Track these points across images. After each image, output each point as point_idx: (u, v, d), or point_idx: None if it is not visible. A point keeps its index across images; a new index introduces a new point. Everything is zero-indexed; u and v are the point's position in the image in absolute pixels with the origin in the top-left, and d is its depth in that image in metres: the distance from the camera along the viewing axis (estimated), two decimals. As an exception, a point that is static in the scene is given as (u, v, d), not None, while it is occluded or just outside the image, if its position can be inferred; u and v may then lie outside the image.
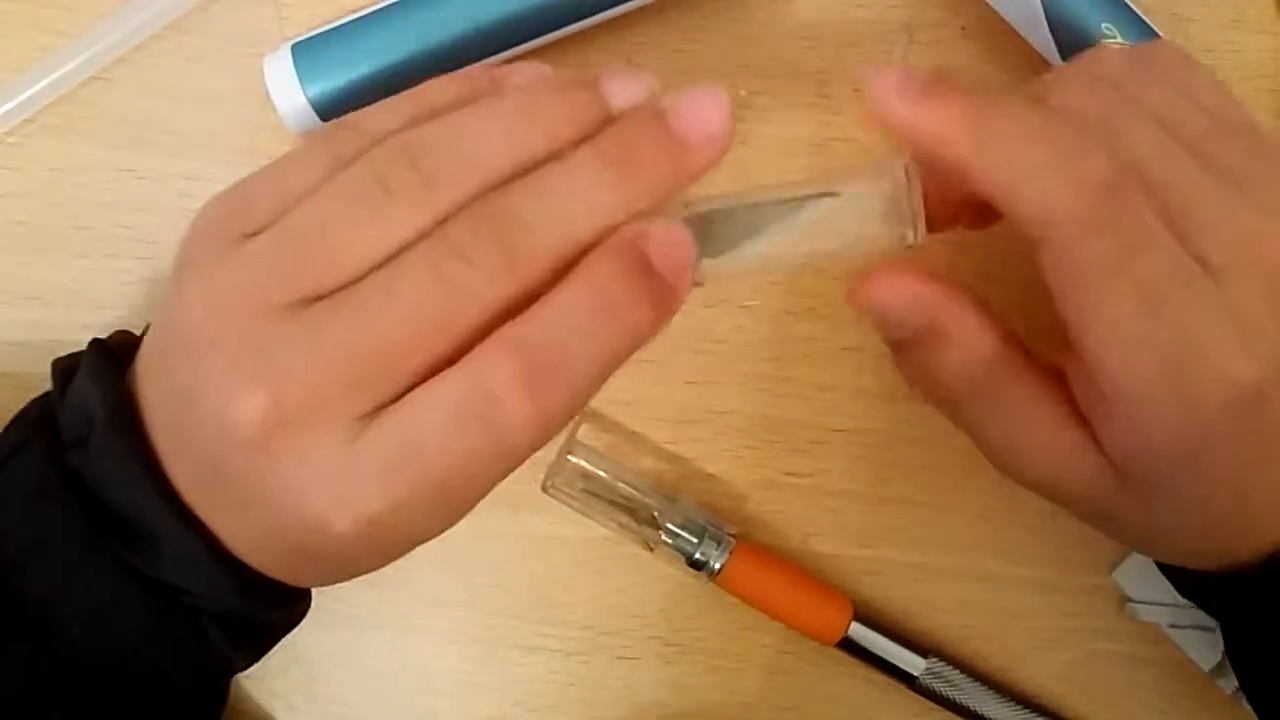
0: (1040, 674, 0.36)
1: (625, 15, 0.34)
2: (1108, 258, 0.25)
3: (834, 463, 0.36)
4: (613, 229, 0.25)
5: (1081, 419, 0.27)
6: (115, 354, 0.28)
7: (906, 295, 0.28)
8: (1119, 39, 0.32)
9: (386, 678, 0.37)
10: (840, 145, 0.36)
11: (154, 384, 0.27)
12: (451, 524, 0.26)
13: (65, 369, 0.29)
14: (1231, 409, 0.25)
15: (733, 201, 0.28)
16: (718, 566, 0.35)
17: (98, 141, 0.35)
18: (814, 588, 0.35)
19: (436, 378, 0.24)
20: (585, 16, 0.33)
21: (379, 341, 0.24)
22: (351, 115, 0.28)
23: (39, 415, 0.28)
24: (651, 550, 0.35)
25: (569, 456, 0.35)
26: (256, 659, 0.31)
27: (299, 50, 0.33)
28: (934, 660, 0.35)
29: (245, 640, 0.29)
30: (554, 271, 0.25)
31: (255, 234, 0.25)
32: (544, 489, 0.35)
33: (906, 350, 0.29)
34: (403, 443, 0.24)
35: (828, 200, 0.28)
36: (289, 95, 0.33)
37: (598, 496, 0.35)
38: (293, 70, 0.33)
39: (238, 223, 0.26)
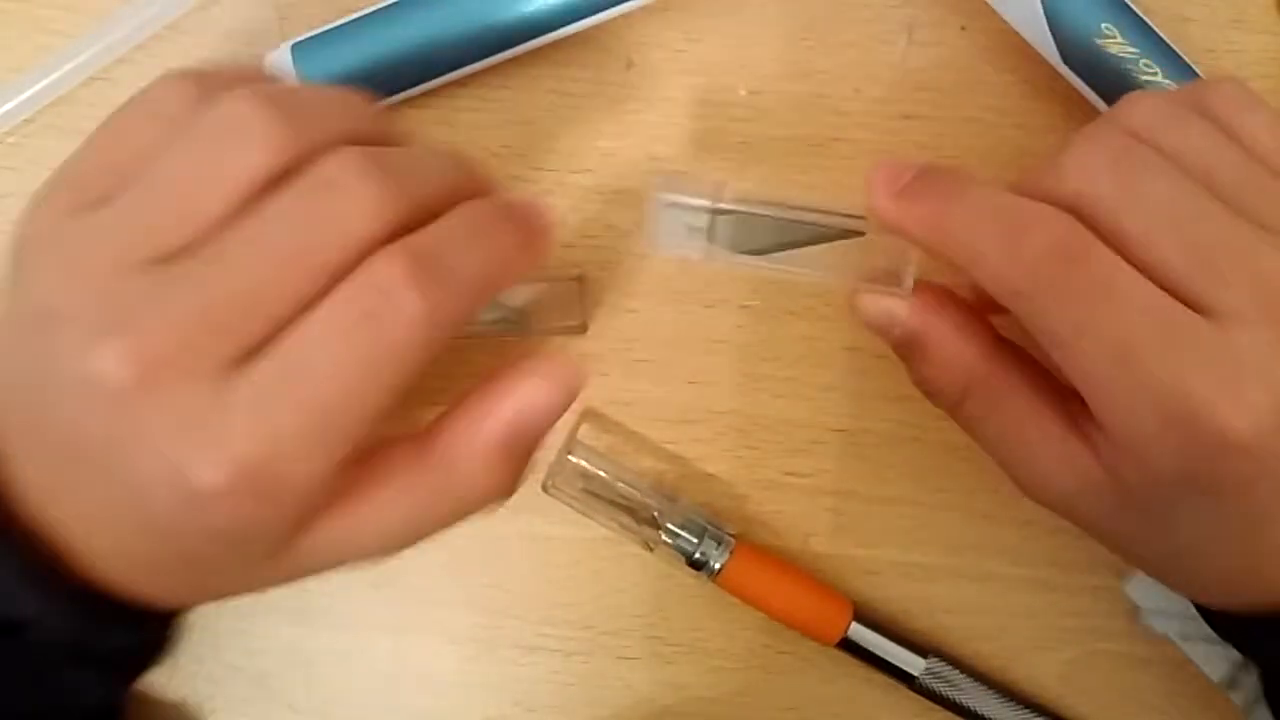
0: (1040, 674, 0.36)
1: (625, 15, 0.34)
2: (1071, 320, 0.25)
3: (834, 463, 0.36)
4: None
5: (1081, 431, 0.27)
6: None
7: (879, 307, 0.29)
8: (1118, 38, 0.32)
9: (386, 678, 0.37)
10: (840, 145, 0.36)
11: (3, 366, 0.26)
12: (331, 462, 0.24)
13: None
14: (1227, 456, 0.24)
15: (768, 210, 0.29)
16: (718, 566, 0.35)
17: (97, 141, 0.35)
18: (814, 588, 0.35)
19: (323, 298, 0.24)
20: (585, 16, 0.33)
21: (242, 280, 0.23)
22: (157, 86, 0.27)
23: None
24: (651, 550, 0.35)
25: (569, 456, 0.35)
26: (121, 689, 0.29)
27: (298, 50, 0.33)
28: (933, 660, 0.35)
29: (93, 671, 0.27)
30: (422, 211, 0.25)
31: (97, 203, 0.25)
32: (544, 489, 0.35)
33: (902, 355, 0.30)
34: (281, 369, 0.23)
35: (855, 238, 0.29)
36: (289, 95, 0.33)
37: (598, 496, 0.35)
38: (292, 70, 0.33)
39: (76, 197, 0.25)
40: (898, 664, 0.35)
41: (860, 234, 0.29)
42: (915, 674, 0.35)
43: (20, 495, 0.26)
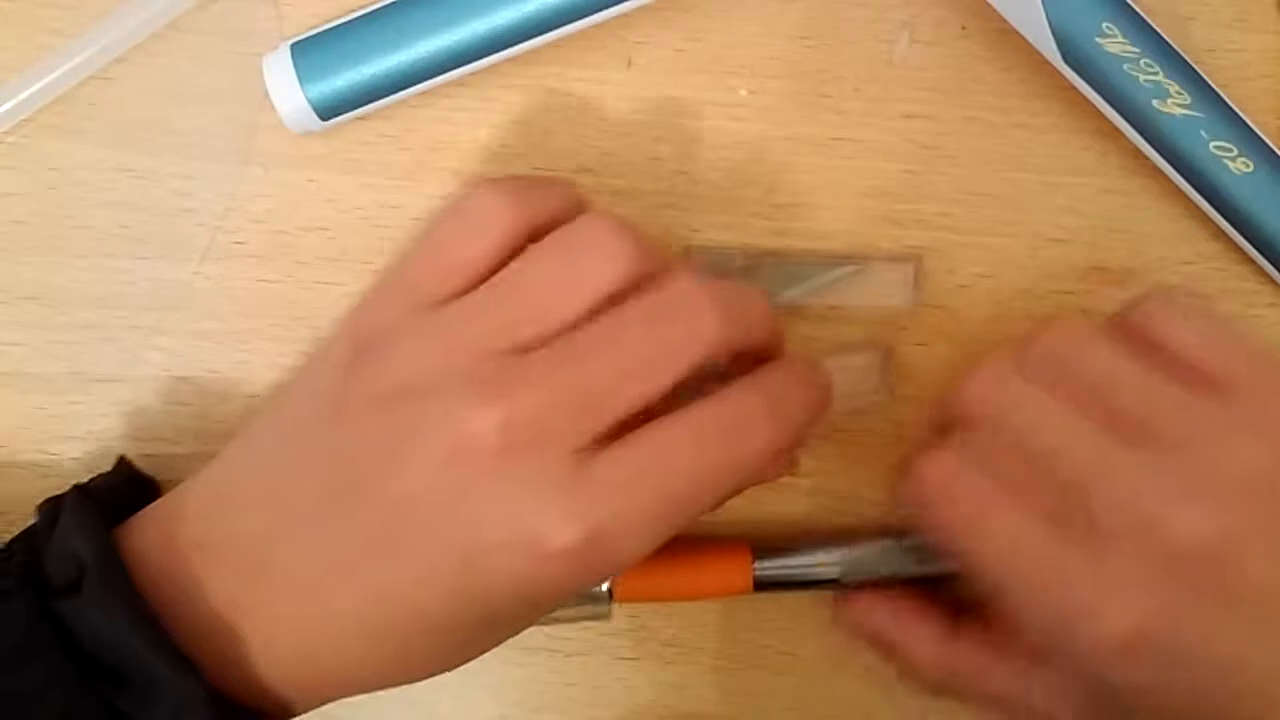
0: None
1: (625, 15, 0.34)
2: (958, 551, 0.29)
3: (834, 463, 0.36)
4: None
5: (1042, 667, 0.31)
6: (97, 498, 0.29)
7: (855, 618, 0.34)
8: (1119, 37, 0.32)
9: (386, 678, 0.36)
10: (841, 145, 0.36)
11: (315, 453, 0.28)
12: (651, 549, 0.27)
13: (50, 511, 0.29)
14: (1125, 659, 0.27)
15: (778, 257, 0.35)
16: (606, 586, 0.34)
17: (97, 141, 0.35)
18: (704, 549, 0.35)
19: (686, 407, 0.27)
20: (586, 15, 0.33)
21: (603, 369, 0.26)
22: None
23: (24, 560, 0.28)
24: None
25: None
26: None
27: (298, 50, 0.33)
28: (847, 550, 0.35)
29: None
30: (747, 342, 0.29)
31: (444, 302, 0.28)
32: None
33: (878, 653, 0.34)
34: (646, 456, 0.26)
35: (853, 268, 0.34)
36: (288, 95, 0.33)
37: None
38: (292, 70, 0.33)
39: (416, 298, 0.28)
40: (816, 575, 0.35)
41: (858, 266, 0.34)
42: (837, 575, 0.35)
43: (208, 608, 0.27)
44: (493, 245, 0.28)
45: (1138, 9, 0.33)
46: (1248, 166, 0.33)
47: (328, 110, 0.33)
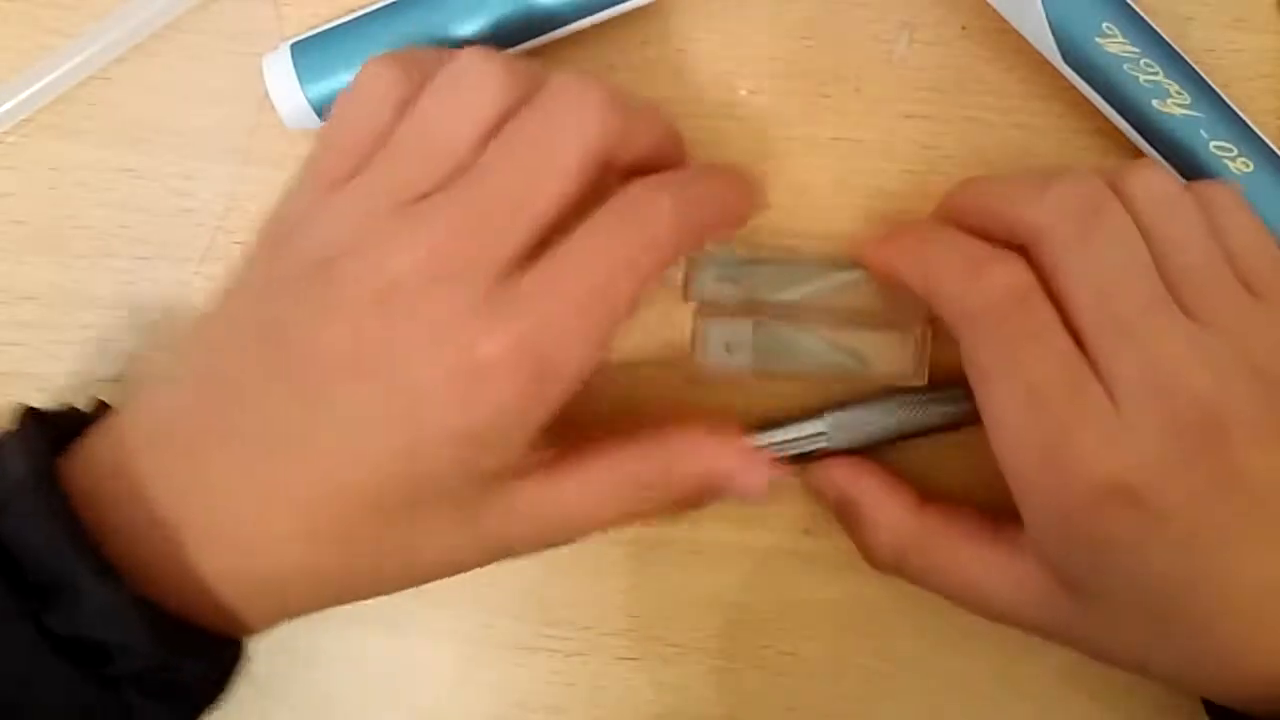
0: (1043, 673, 0.36)
1: (625, 15, 0.34)
2: (1002, 355, 0.29)
3: (834, 463, 0.36)
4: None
5: (1014, 545, 0.31)
6: (46, 418, 0.29)
7: (823, 475, 0.34)
8: (1119, 38, 0.32)
9: (386, 678, 0.37)
10: (841, 145, 0.36)
11: (246, 335, 0.28)
12: (592, 352, 0.27)
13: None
14: (1103, 507, 0.27)
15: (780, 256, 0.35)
16: None
17: (96, 141, 0.35)
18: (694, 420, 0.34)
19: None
20: (586, 16, 0.33)
21: (503, 186, 0.27)
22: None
23: None
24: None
25: None
26: None
27: (298, 50, 0.33)
28: (832, 415, 0.34)
29: (169, 704, 0.28)
30: (642, 144, 0.30)
31: (351, 176, 0.28)
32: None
33: (843, 524, 0.34)
34: (555, 264, 0.27)
35: (856, 273, 0.34)
36: (288, 94, 0.33)
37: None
38: (292, 70, 0.33)
39: (328, 179, 0.28)
40: (805, 446, 0.35)
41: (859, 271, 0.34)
42: (825, 443, 0.34)
43: (137, 533, 0.27)
44: (386, 118, 0.28)
45: (1138, 9, 0.33)
46: (1247, 166, 0.33)
47: (327, 110, 0.33)
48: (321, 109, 0.33)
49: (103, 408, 0.31)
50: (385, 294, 0.26)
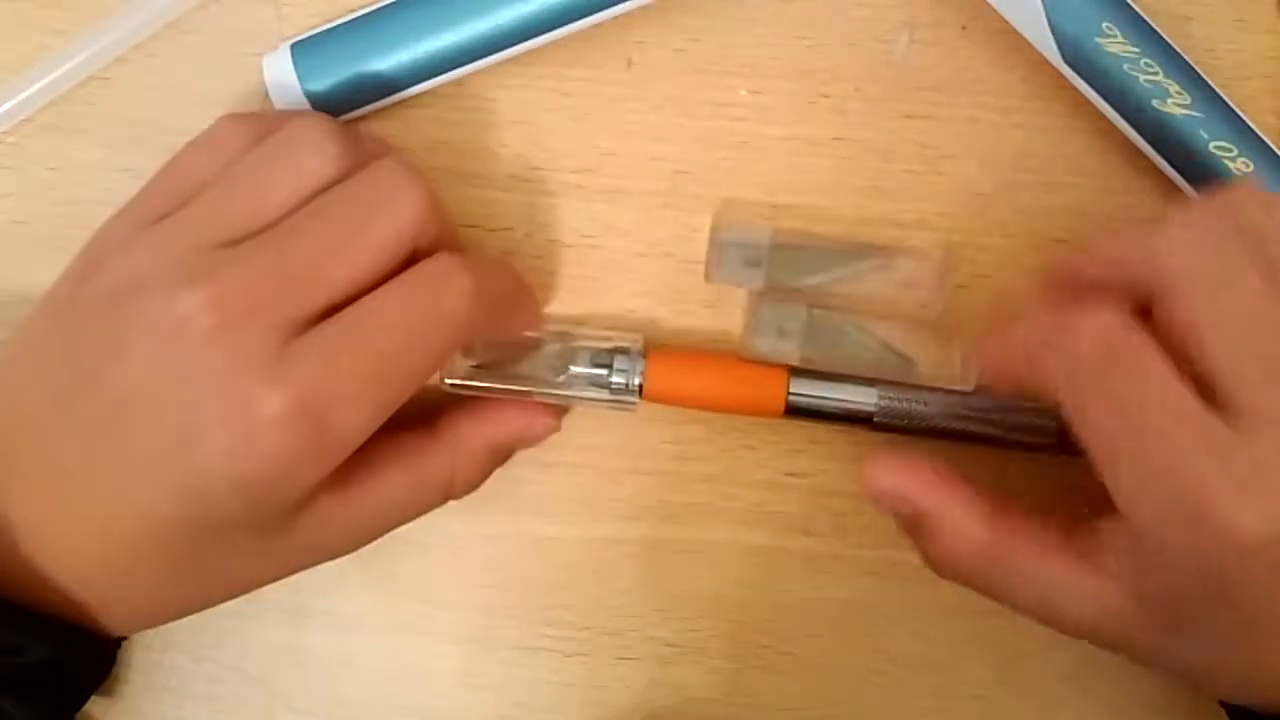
0: (1043, 674, 0.36)
1: (625, 15, 0.34)
2: (1104, 421, 0.27)
3: (834, 463, 0.36)
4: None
5: (1093, 563, 0.28)
6: None
7: (892, 484, 0.31)
8: (1119, 37, 0.32)
9: (386, 678, 0.37)
10: (841, 145, 0.36)
11: (41, 357, 0.28)
12: (375, 417, 0.28)
13: None
14: (1238, 557, 0.25)
15: (808, 241, 0.35)
16: (639, 380, 0.33)
17: (97, 141, 0.35)
18: (740, 362, 0.34)
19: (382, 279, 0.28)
20: (585, 16, 0.33)
21: (309, 246, 0.27)
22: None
23: None
24: (569, 383, 0.34)
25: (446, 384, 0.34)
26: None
27: (298, 49, 0.33)
28: (883, 388, 0.34)
29: (23, 698, 0.28)
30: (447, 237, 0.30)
31: (168, 214, 0.28)
32: (442, 383, 0.33)
33: (908, 533, 0.32)
34: (348, 324, 0.27)
35: (877, 260, 0.34)
36: (288, 94, 0.33)
37: (497, 369, 0.34)
38: (292, 69, 0.33)
39: (146, 214, 0.29)
40: (851, 406, 0.34)
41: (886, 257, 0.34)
42: (871, 409, 0.34)
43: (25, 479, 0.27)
44: (215, 168, 0.29)
45: (1138, 9, 0.33)
46: (1247, 166, 0.33)
47: (327, 110, 0.34)
48: (321, 108, 0.33)
49: None
50: (174, 333, 0.26)
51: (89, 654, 0.30)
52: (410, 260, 0.29)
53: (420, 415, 0.32)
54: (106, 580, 0.28)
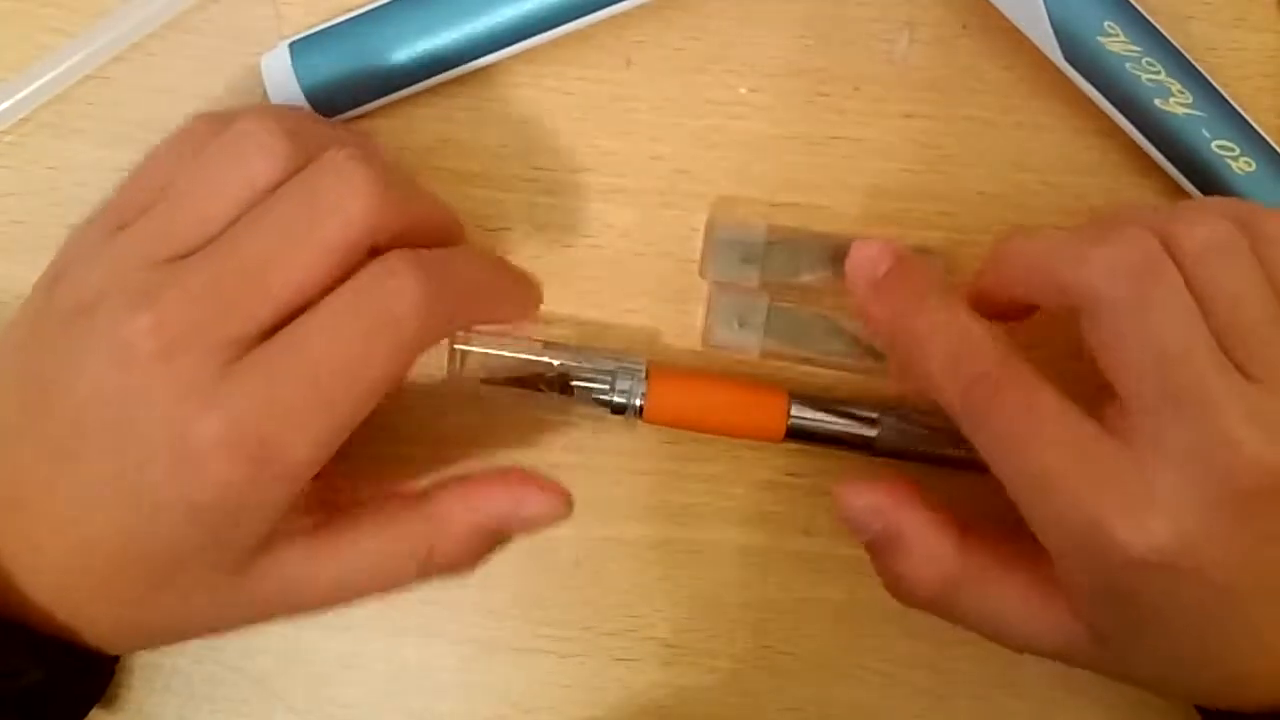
0: (1041, 674, 0.36)
1: (625, 14, 0.34)
2: (996, 447, 0.28)
3: (834, 463, 0.36)
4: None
5: (1052, 593, 0.29)
6: None
7: (864, 503, 0.31)
8: (1120, 36, 0.32)
9: (386, 678, 0.37)
10: (840, 144, 0.36)
11: (11, 365, 0.28)
12: (324, 441, 0.26)
13: None
14: (1135, 573, 0.26)
15: (804, 238, 0.35)
16: (639, 401, 0.34)
17: (95, 140, 0.35)
18: (742, 385, 0.35)
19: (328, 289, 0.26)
20: (584, 14, 0.33)
21: (248, 255, 0.26)
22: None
23: None
24: (571, 396, 0.34)
25: (456, 345, 0.34)
26: None
27: (297, 49, 0.33)
28: (887, 415, 0.34)
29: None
30: (410, 226, 0.28)
31: (128, 224, 0.28)
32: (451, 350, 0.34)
33: (875, 554, 0.31)
34: (287, 343, 0.26)
35: None
36: (287, 93, 0.33)
37: (500, 383, 0.34)
38: (290, 68, 0.33)
39: (111, 223, 0.28)
40: (851, 432, 0.34)
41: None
42: (873, 435, 0.34)
43: None
44: (175, 171, 0.28)
45: (1139, 8, 0.33)
46: (1249, 166, 0.33)
47: (327, 109, 0.34)
48: (320, 108, 0.33)
49: None
50: (121, 358, 0.25)
51: (84, 673, 0.30)
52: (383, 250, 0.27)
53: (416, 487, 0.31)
54: (82, 598, 0.27)
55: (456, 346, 0.34)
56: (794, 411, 0.34)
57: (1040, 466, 0.27)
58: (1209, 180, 0.33)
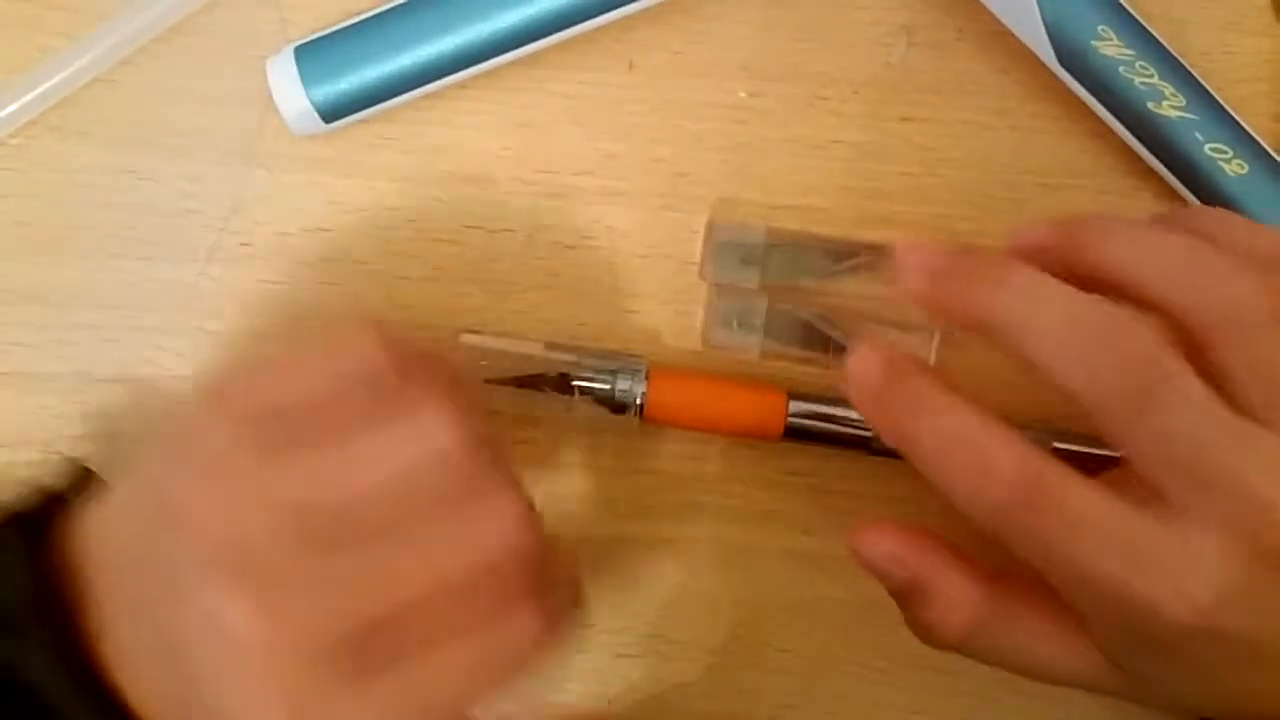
0: (1038, 672, 0.36)
1: (626, 18, 0.34)
2: (1038, 555, 0.26)
3: (834, 462, 0.36)
4: None
5: (1079, 628, 0.28)
6: (37, 522, 0.27)
7: (885, 550, 0.30)
8: (1114, 40, 0.33)
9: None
10: (839, 147, 0.36)
11: (123, 558, 0.26)
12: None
13: None
14: (1179, 633, 0.26)
15: (804, 240, 0.34)
16: (640, 400, 0.34)
17: (100, 143, 0.36)
18: (741, 385, 0.35)
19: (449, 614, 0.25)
20: (587, 19, 0.33)
21: (393, 572, 0.25)
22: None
23: None
24: (572, 396, 0.34)
25: (461, 339, 0.34)
26: None
27: (302, 52, 0.33)
28: None
29: None
30: None
31: (267, 441, 0.25)
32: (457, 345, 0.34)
33: (900, 601, 0.30)
34: (403, 676, 0.24)
35: (872, 258, 0.34)
36: (292, 97, 0.33)
37: (503, 383, 0.34)
38: (295, 73, 0.33)
39: (244, 415, 0.26)
40: (850, 431, 0.34)
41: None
42: (870, 434, 0.34)
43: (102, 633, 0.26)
44: (339, 396, 0.26)
45: (1133, 12, 0.33)
46: (1243, 168, 0.33)
47: (331, 113, 0.34)
48: (325, 111, 0.34)
49: (77, 477, 0.30)
50: (221, 618, 0.24)
51: None
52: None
53: None
54: None
55: (463, 339, 0.34)
56: (792, 411, 0.34)
57: (1083, 569, 0.26)
58: (1202, 183, 0.34)
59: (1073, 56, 0.33)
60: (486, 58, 0.33)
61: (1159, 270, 0.26)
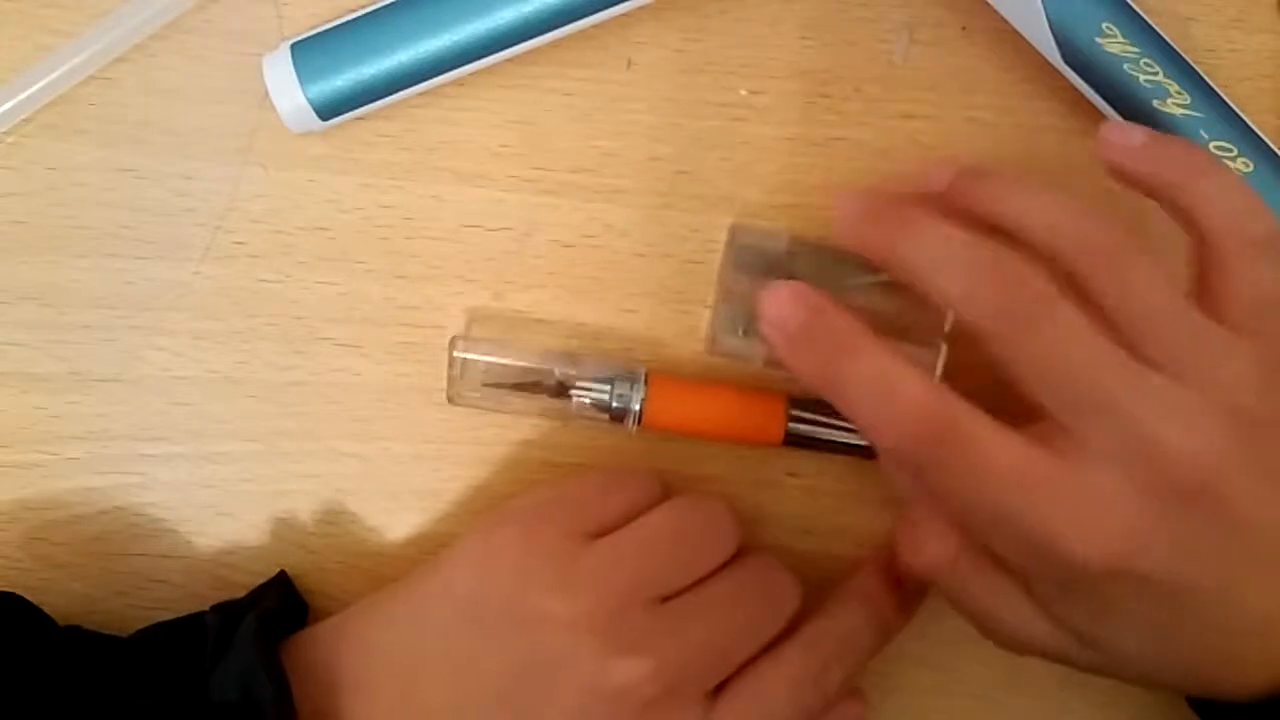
0: (1043, 674, 0.36)
1: (625, 15, 0.34)
2: (943, 490, 0.28)
3: (834, 463, 0.36)
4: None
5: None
6: (266, 626, 0.31)
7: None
8: (1119, 37, 0.32)
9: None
10: (841, 145, 0.36)
11: (447, 648, 0.30)
12: None
13: (220, 630, 0.31)
14: (1098, 581, 0.27)
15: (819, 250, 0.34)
16: (638, 407, 0.34)
17: (97, 141, 0.35)
18: (740, 393, 0.35)
19: (774, 654, 0.31)
20: (586, 15, 0.33)
21: (727, 632, 0.31)
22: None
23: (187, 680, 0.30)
24: (570, 402, 0.34)
25: (456, 353, 0.34)
26: None
27: (298, 50, 0.33)
28: None
29: None
30: None
31: (591, 538, 0.31)
32: (450, 400, 0.34)
33: (898, 523, 0.33)
34: (749, 702, 0.30)
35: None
36: (288, 95, 0.33)
37: (502, 386, 0.34)
38: (292, 70, 0.33)
39: (570, 527, 0.31)
40: (849, 439, 0.34)
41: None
42: (868, 441, 0.34)
43: None
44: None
45: (1138, 9, 0.33)
46: (1247, 166, 0.33)
47: (328, 110, 0.34)
48: (321, 109, 0.33)
49: (289, 592, 0.34)
50: (608, 697, 0.29)
51: None
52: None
53: None
54: None
55: (458, 354, 0.34)
56: (792, 418, 0.34)
57: (991, 507, 0.27)
58: (1207, 181, 0.33)
59: (1077, 53, 0.33)
60: (484, 54, 0.33)
61: (1045, 221, 0.28)
